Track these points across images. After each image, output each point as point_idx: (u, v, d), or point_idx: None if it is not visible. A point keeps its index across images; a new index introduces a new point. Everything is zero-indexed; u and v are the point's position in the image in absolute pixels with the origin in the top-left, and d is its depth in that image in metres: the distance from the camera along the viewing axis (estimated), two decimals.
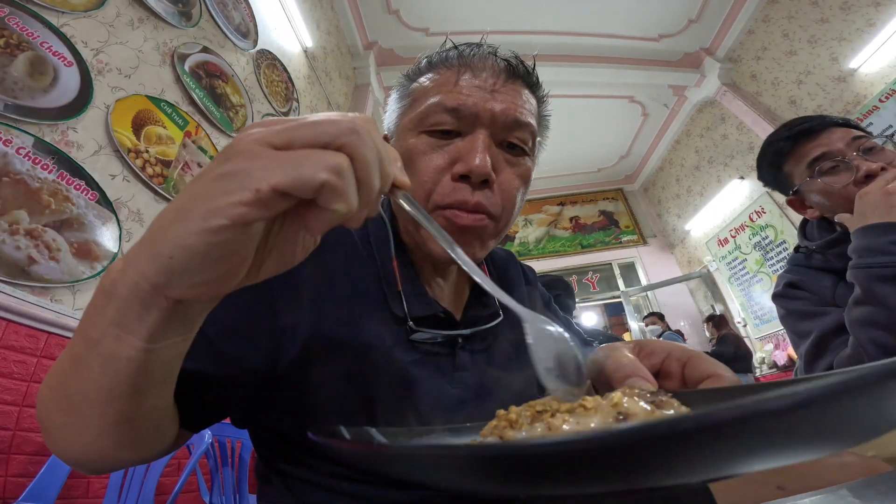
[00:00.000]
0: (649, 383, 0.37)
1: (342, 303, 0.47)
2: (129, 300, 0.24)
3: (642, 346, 0.44)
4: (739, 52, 4.29)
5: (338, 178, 0.22)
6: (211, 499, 1.34)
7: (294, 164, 0.21)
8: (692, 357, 0.40)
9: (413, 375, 0.46)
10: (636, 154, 5.92)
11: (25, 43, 1.33)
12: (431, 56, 0.54)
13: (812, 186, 0.88)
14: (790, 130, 0.91)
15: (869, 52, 3.17)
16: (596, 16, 3.99)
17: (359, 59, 4.05)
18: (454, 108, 0.48)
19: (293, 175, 0.21)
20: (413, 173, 0.49)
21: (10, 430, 1.10)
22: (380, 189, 0.25)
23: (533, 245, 5.93)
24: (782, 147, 0.92)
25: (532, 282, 0.72)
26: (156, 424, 0.34)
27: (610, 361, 0.41)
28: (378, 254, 0.53)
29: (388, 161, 0.26)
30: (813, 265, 0.90)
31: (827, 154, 0.85)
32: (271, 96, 2.60)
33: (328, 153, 0.22)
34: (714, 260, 4.99)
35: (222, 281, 0.24)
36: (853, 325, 0.72)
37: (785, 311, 0.92)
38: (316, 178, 0.21)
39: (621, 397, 0.25)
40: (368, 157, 0.24)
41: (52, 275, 1.25)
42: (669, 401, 0.25)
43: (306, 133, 0.23)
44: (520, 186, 0.51)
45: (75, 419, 0.29)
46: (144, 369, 0.27)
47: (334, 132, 0.23)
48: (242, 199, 0.21)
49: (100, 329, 0.25)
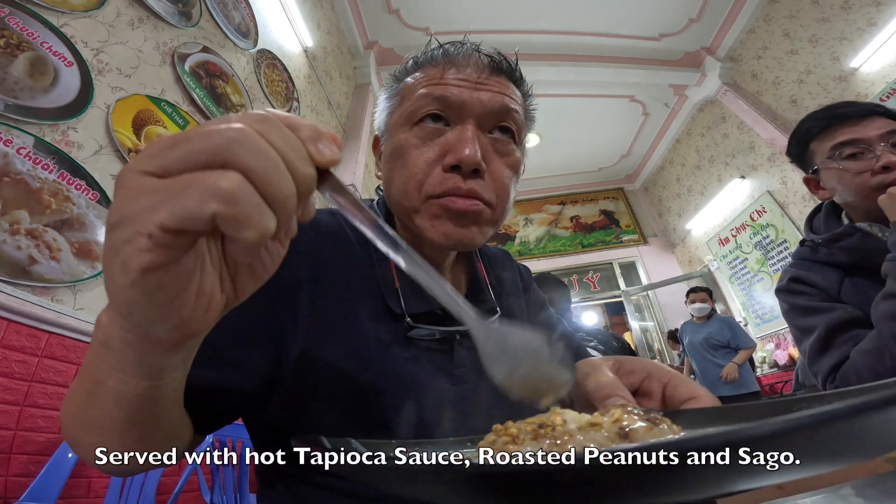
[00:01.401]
0: (628, 403, 0.37)
1: (339, 301, 0.47)
2: (125, 351, 0.24)
3: (622, 364, 0.45)
4: (740, 52, 4.28)
5: (229, 205, 0.18)
6: (212, 498, 1.34)
7: (174, 196, 0.18)
8: (673, 378, 0.41)
9: (411, 372, 0.47)
10: (637, 153, 5.91)
11: (26, 43, 1.33)
12: (417, 56, 0.55)
13: (829, 168, 0.87)
14: (829, 111, 0.89)
15: (870, 51, 3.17)
16: (596, 15, 3.98)
17: (359, 58, 4.05)
18: (441, 96, 0.48)
19: (175, 211, 0.17)
20: (404, 166, 0.49)
21: (12, 429, 1.10)
22: (299, 193, 0.21)
23: (533, 244, 5.93)
24: (816, 125, 0.90)
25: (528, 283, 0.72)
26: (174, 434, 0.36)
27: (590, 380, 0.42)
28: (374, 250, 0.53)
29: (299, 156, 0.21)
30: (818, 259, 0.89)
31: (854, 141, 0.83)
32: (272, 96, 2.60)
33: (212, 175, 0.18)
34: (715, 259, 4.98)
35: (198, 316, 0.22)
36: (880, 319, 0.71)
37: (788, 305, 0.91)
38: (202, 213, 0.17)
39: (622, 414, 0.25)
40: (264, 167, 0.19)
41: (52, 275, 1.26)
42: (662, 419, 0.26)
43: (180, 154, 0.18)
44: (511, 175, 0.52)
45: (100, 440, 0.31)
46: (155, 400, 0.28)
47: (210, 148, 0.18)
48: (140, 246, 0.18)
49: (105, 373, 0.26)
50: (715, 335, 3.30)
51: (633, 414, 0.26)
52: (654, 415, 0.26)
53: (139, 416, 0.28)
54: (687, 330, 3.60)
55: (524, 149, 0.56)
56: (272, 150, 0.20)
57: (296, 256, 0.43)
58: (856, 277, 0.84)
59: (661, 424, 0.25)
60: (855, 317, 0.80)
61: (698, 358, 3.40)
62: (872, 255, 0.81)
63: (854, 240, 0.83)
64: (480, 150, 0.47)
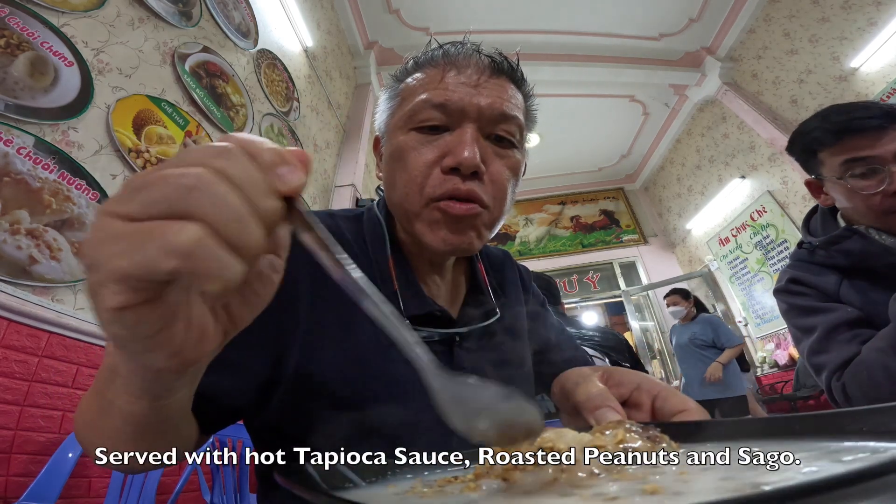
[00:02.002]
0: (619, 414, 0.38)
1: (338, 303, 0.47)
2: (130, 377, 0.26)
3: (611, 375, 0.45)
4: (740, 51, 4.28)
5: (188, 260, 0.17)
6: (212, 498, 1.34)
7: (135, 246, 0.17)
8: (662, 391, 0.41)
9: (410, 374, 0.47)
10: (637, 153, 5.91)
11: (26, 43, 1.33)
12: (418, 56, 0.55)
13: (838, 184, 0.83)
14: (842, 121, 0.82)
15: (870, 51, 3.16)
16: (596, 15, 3.98)
17: (359, 58, 4.05)
18: (441, 103, 0.49)
19: (136, 262, 0.17)
20: (404, 169, 0.49)
21: (12, 429, 1.10)
22: (266, 227, 0.20)
23: (534, 244, 5.93)
24: (827, 136, 0.84)
25: (528, 284, 0.72)
26: (182, 438, 0.37)
27: (580, 390, 0.42)
28: (373, 253, 0.53)
29: (261, 190, 0.19)
30: (816, 261, 0.89)
31: (868, 159, 0.79)
32: (272, 96, 2.60)
33: (172, 228, 0.17)
34: (715, 259, 4.98)
35: (189, 347, 0.22)
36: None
37: (787, 305, 0.91)
38: (161, 267, 0.17)
39: (624, 434, 0.25)
40: (225, 216, 0.18)
41: (53, 274, 1.26)
42: (661, 436, 0.26)
43: (142, 201, 0.17)
44: (510, 177, 0.52)
45: (113, 446, 0.33)
46: (162, 417, 0.29)
47: (169, 196, 0.17)
48: (111, 289, 0.18)
49: (113, 393, 0.28)
50: (699, 335, 3.32)
51: (634, 433, 0.26)
52: (652, 432, 0.26)
53: (148, 430, 0.30)
54: (675, 332, 3.63)
55: (525, 150, 0.56)
56: (233, 193, 0.18)
57: (295, 259, 0.44)
58: (854, 279, 0.83)
59: (662, 443, 0.25)
60: (854, 317, 0.79)
61: (686, 359, 3.42)
62: (870, 258, 0.80)
63: (852, 242, 0.83)
64: (479, 152, 0.47)
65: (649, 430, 0.27)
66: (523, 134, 0.54)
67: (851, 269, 0.84)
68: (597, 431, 0.27)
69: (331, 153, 3.37)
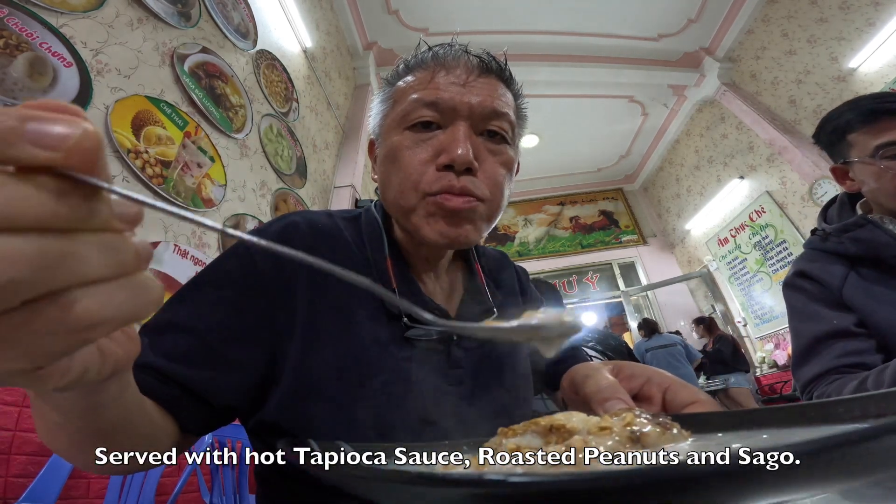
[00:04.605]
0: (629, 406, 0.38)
1: (336, 301, 0.47)
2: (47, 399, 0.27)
3: (621, 369, 0.45)
4: (739, 52, 4.29)
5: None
6: (211, 499, 1.34)
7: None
8: (673, 384, 0.41)
9: (408, 372, 0.47)
10: (636, 154, 5.92)
11: (25, 43, 1.33)
12: (408, 59, 0.56)
13: (868, 164, 0.84)
14: (876, 103, 0.84)
15: (868, 51, 3.17)
16: (595, 15, 3.99)
17: (358, 59, 4.05)
18: (432, 102, 0.49)
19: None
20: (399, 167, 0.50)
21: (11, 430, 1.10)
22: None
23: (533, 245, 5.93)
24: (859, 117, 0.86)
25: (525, 284, 0.73)
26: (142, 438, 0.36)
27: (590, 382, 0.42)
28: (371, 252, 0.53)
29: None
30: (827, 248, 0.90)
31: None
32: (271, 97, 2.60)
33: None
34: (714, 259, 4.99)
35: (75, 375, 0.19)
36: None
37: (787, 304, 0.92)
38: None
39: (633, 418, 0.26)
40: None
41: None
42: (672, 423, 0.26)
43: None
44: (504, 173, 0.52)
45: (75, 455, 0.34)
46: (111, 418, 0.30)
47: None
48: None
49: (49, 414, 0.29)
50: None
51: (643, 418, 0.26)
52: (662, 419, 0.26)
53: (105, 431, 0.30)
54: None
55: (517, 147, 0.57)
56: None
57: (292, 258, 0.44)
58: (862, 269, 0.84)
59: (672, 429, 0.25)
60: (841, 329, 0.80)
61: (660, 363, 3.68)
62: (880, 248, 0.81)
63: (864, 231, 0.84)
64: (472, 149, 0.48)
65: (659, 416, 0.27)
66: (515, 131, 0.54)
67: (860, 258, 0.85)
68: (607, 416, 0.27)
69: (330, 154, 3.37)
